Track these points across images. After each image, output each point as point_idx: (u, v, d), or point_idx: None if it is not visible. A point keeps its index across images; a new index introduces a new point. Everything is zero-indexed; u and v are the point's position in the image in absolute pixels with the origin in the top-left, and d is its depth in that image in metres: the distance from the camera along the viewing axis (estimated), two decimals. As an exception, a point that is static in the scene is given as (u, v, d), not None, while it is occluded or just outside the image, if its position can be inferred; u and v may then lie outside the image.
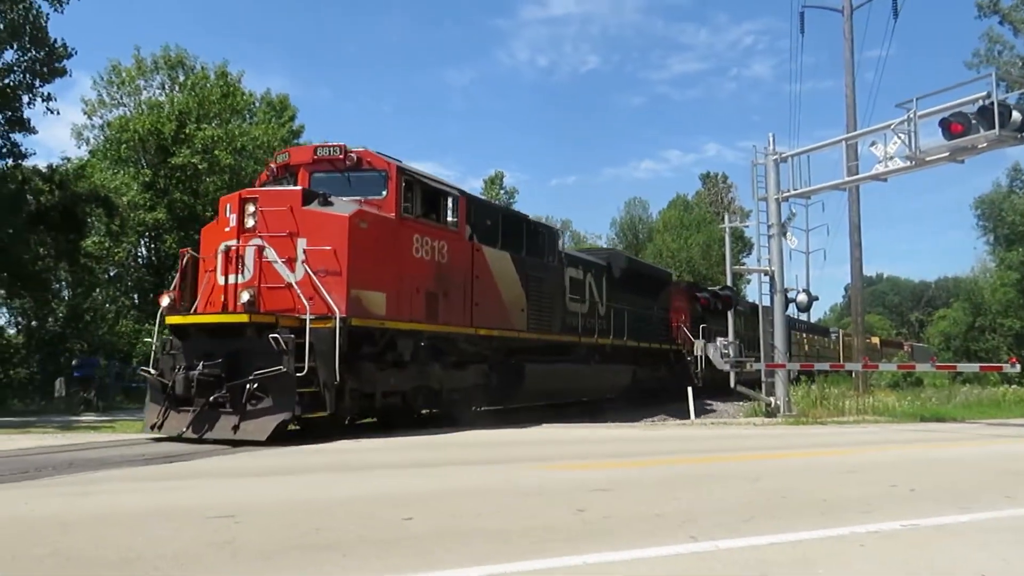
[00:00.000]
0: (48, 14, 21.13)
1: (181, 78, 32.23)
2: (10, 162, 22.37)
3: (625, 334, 18.77)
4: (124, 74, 31.83)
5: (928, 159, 13.74)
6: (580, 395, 18.49)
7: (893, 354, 44.79)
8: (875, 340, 47.41)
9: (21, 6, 20.42)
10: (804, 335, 38.26)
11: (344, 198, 10.77)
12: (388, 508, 5.17)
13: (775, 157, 16.42)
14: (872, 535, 4.38)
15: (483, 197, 15.04)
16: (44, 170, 24.28)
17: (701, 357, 21.36)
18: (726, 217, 22.06)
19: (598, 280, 18.15)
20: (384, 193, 11.17)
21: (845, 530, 4.46)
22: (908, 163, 14.00)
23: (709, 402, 21.61)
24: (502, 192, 51.12)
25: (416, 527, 4.53)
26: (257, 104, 36.12)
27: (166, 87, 32.38)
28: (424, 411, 12.52)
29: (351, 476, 7.15)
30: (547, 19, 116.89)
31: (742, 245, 57.07)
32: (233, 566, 3.62)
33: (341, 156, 11.27)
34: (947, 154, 13.48)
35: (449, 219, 12.40)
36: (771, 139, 16.68)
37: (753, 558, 3.83)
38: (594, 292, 17.82)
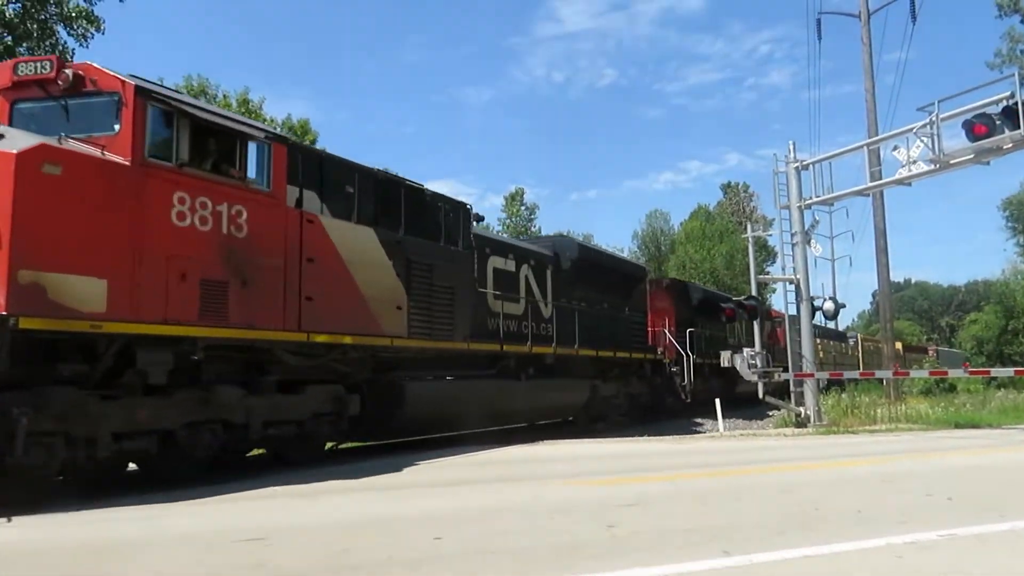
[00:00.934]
0: (74, 49, 21.63)
1: (203, 103, 32.76)
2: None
3: (577, 341, 15.00)
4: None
5: (952, 162, 13.56)
6: (506, 420, 14.05)
7: (918, 360, 43.66)
8: (898, 346, 46.44)
9: (48, 42, 20.91)
10: (819, 340, 37.47)
11: (53, 137, 6.92)
12: (416, 528, 5.16)
13: (796, 165, 16.30)
14: (910, 546, 4.29)
15: (336, 155, 10.60)
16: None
17: (687, 367, 19.62)
18: (748, 226, 21.78)
19: (539, 273, 14.62)
20: (117, 127, 7.32)
21: (882, 541, 4.37)
22: (932, 166, 13.83)
23: (699, 421, 19.08)
24: (523, 208, 51.21)
25: (446, 547, 4.52)
26: (278, 129, 36.60)
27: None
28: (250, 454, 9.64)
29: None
30: (562, 35, 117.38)
31: (766, 254, 56.58)
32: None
33: (52, 74, 7.54)
34: (972, 156, 13.30)
35: (252, 175, 8.45)
36: (791, 147, 16.57)
37: (789, 572, 3.77)
38: (533, 288, 14.28)
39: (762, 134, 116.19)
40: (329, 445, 10.56)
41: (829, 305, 17.13)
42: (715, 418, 16.90)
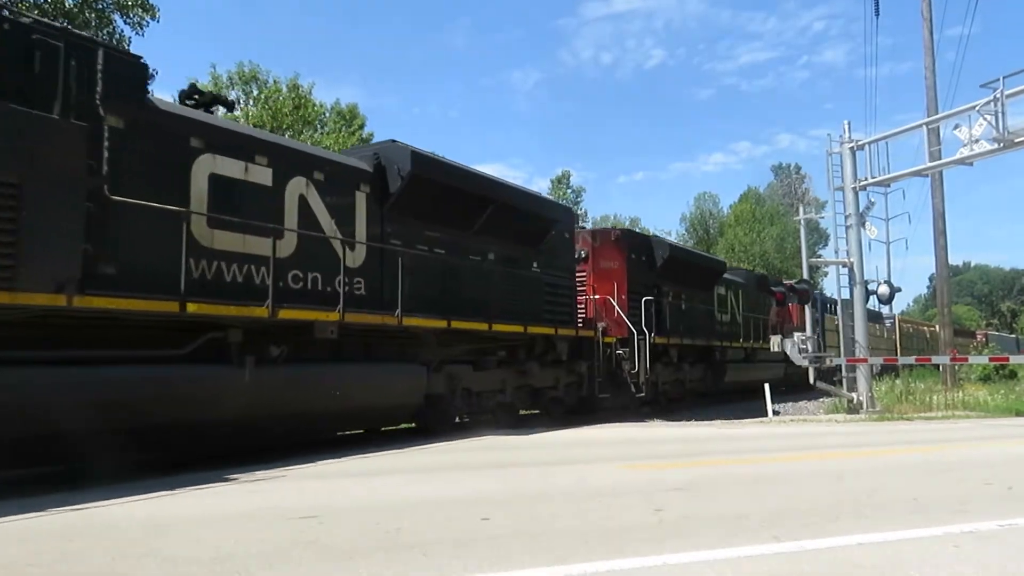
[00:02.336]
0: (130, 37, 22.18)
1: (255, 92, 33.31)
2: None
3: (399, 305, 9.82)
4: (202, 86, 33.09)
5: (1017, 140, 13.09)
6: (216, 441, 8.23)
7: (964, 345, 41.10)
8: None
9: (106, 31, 21.46)
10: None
11: None
12: (464, 509, 5.22)
13: (851, 145, 15.90)
14: (967, 535, 4.19)
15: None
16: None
17: (639, 350, 14.90)
18: (800, 209, 21.36)
19: (340, 198, 9.67)
20: None
21: (938, 530, 4.28)
22: (996, 145, 13.36)
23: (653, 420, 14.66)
24: (569, 191, 51.00)
25: (493, 528, 4.57)
26: (328, 114, 36.96)
27: (241, 102, 33.50)
28: None
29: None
30: (610, 16, 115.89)
31: (817, 237, 55.46)
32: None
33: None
34: (1038, 134, 12.82)
35: None
36: (846, 127, 16.16)
37: (841, 559, 3.71)
38: (317, 217, 9.31)
39: (815, 114, 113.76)
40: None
41: (884, 289, 16.71)
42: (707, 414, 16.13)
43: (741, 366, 21.66)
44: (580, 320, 14.53)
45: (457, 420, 11.77)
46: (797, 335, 16.38)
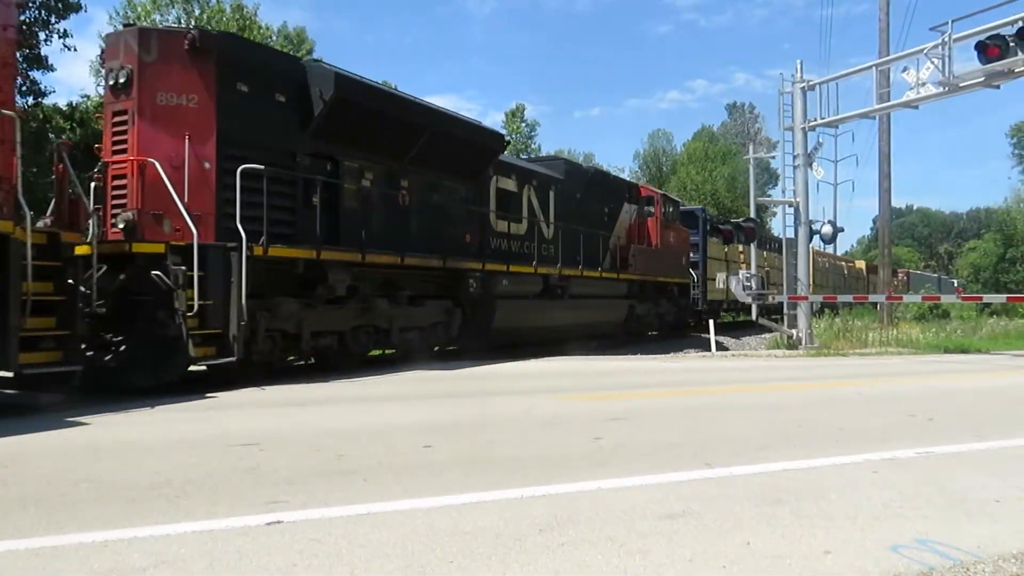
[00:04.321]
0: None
1: (196, 12, 31.80)
2: (30, 100, 22.40)
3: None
4: (140, 8, 31.46)
5: (962, 84, 13.30)
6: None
7: (885, 282, 41.37)
8: (860, 265, 44.36)
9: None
10: (764, 253, 27.46)
11: None
12: (407, 436, 5.29)
13: (803, 85, 15.98)
14: (886, 463, 4.41)
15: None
16: (64, 108, 24.30)
17: (220, 279, 8.30)
18: (751, 148, 21.53)
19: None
20: None
21: (859, 458, 4.50)
22: (941, 89, 13.57)
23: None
24: (523, 125, 50.41)
25: (435, 455, 4.64)
26: (274, 38, 35.59)
27: (181, 21, 31.99)
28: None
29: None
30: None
31: (768, 176, 56.17)
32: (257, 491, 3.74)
33: None
34: (982, 79, 13.02)
35: None
36: (799, 66, 16.21)
37: (767, 483, 3.88)
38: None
39: (772, 53, 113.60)
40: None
41: (827, 228, 17.12)
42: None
43: (533, 304, 14.13)
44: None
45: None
46: (742, 272, 16.73)
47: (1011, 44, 12.17)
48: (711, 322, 17.23)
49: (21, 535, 3.01)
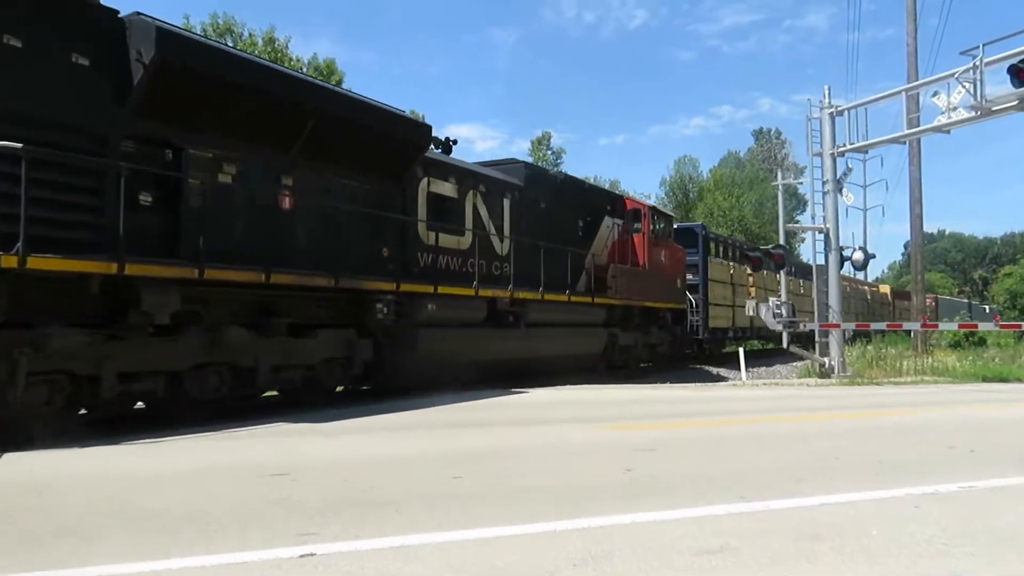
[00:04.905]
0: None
1: (230, 45, 32.57)
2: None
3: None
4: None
5: (995, 108, 13.14)
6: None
7: (909, 308, 39.82)
8: (885, 290, 43.28)
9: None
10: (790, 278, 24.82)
11: None
12: (437, 467, 5.26)
13: (831, 110, 15.89)
14: (928, 497, 4.29)
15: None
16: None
17: None
18: (779, 173, 21.37)
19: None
20: None
21: (900, 491, 4.38)
22: (973, 113, 13.42)
23: None
24: (549, 153, 50.71)
25: (466, 485, 4.61)
26: (304, 69, 36.32)
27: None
28: None
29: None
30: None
31: (796, 202, 55.78)
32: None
33: None
34: (1016, 103, 12.86)
35: None
36: (827, 92, 16.13)
37: (805, 518, 3.79)
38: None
39: (797, 79, 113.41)
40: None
41: (859, 255, 16.89)
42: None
43: (473, 334, 11.77)
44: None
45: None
46: (772, 299, 16.53)
47: (1044, 68, 12.03)
48: (740, 350, 17.01)
49: (58, 566, 3.02)
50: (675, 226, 19.79)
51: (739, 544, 3.32)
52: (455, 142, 12.30)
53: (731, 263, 23.93)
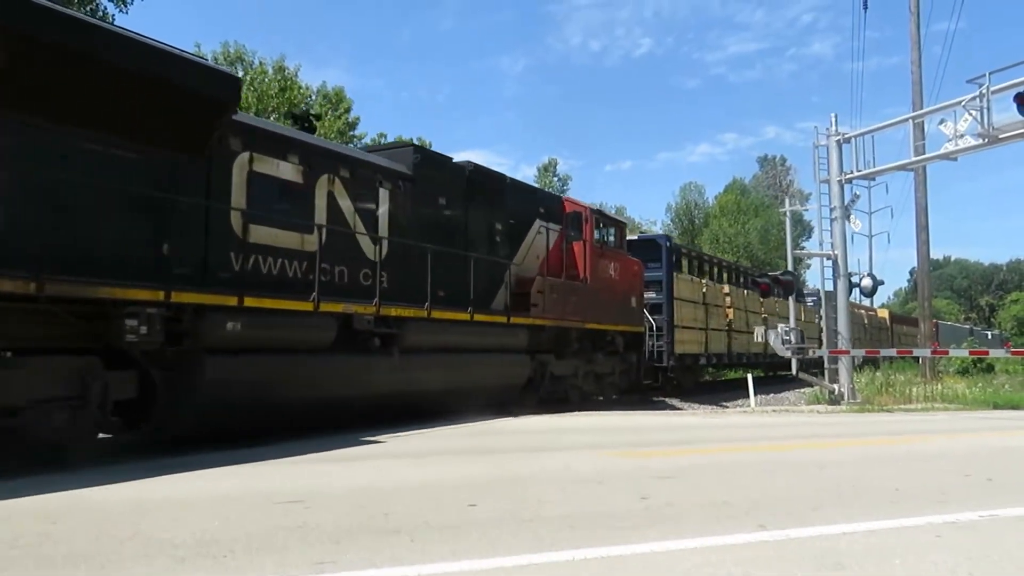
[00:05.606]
0: (113, 15, 21.84)
1: (240, 73, 32.96)
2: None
3: None
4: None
5: (1002, 136, 13.20)
6: None
7: (909, 334, 38.23)
8: (883, 314, 42.40)
9: (88, 8, 21.11)
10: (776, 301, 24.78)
11: None
12: (452, 494, 5.22)
13: (837, 138, 15.98)
14: (949, 526, 4.24)
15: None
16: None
17: None
18: (786, 201, 21.36)
19: None
20: None
21: (921, 520, 4.33)
22: (980, 140, 13.47)
23: None
24: (555, 179, 50.97)
25: (480, 513, 4.57)
26: (313, 97, 36.69)
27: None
28: None
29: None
30: (600, 2, 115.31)
31: (801, 229, 55.78)
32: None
33: None
34: (1022, 130, 12.93)
35: None
36: (833, 119, 16.25)
37: (826, 547, 3.75)
38: None
39: (802, 106, 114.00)
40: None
41: (867, 281, 16.88)
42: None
43: (311, 362, 8.87)
44: None
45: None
46: (781, 326, 16.48)
47: (1051, 95, 12.10)
48: (749, 376, 16.90)
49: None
50: (635, 237, 18.18)
51: (760, 573, 3.28)
52: (318, 118, 9.20)
53: (704, 280, 21.71)
